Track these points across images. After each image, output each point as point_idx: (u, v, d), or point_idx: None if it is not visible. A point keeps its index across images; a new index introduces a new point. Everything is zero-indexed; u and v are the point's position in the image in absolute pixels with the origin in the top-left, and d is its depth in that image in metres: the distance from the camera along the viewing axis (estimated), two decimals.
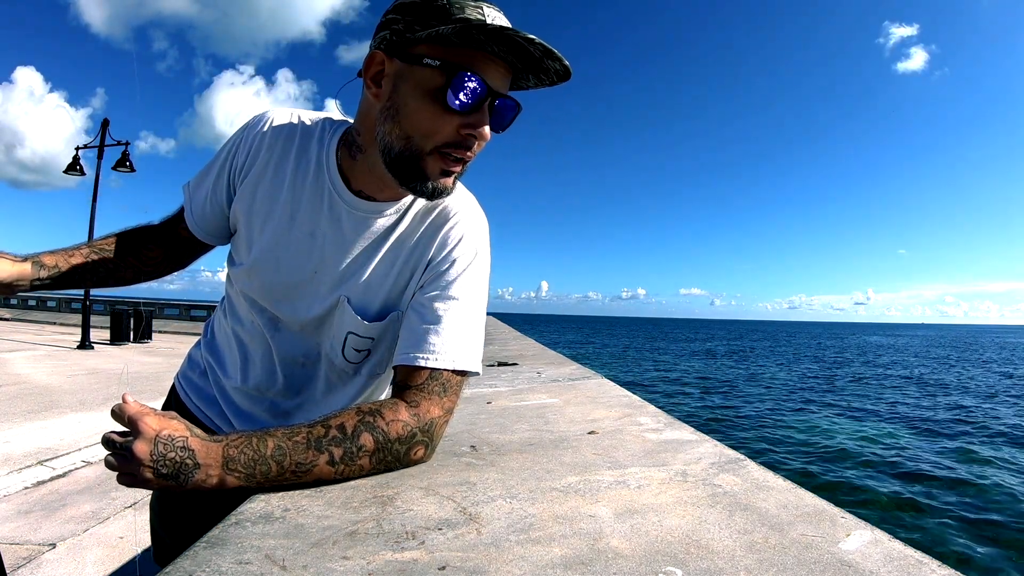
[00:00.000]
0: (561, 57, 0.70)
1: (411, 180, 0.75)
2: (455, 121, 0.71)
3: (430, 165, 0.74)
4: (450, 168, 0.75)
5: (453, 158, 0.74)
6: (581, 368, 2.27)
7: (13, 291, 0.90)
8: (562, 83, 0.76)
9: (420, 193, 0.76)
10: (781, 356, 31.69)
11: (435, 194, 0.76)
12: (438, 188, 0.75)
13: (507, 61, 0.71)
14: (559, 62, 0.71)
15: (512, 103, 0.75)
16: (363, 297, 0.85)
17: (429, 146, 0.72)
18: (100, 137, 12.34)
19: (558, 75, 0.74)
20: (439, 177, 0.75)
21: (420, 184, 0.75)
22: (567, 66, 0.72)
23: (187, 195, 0.96)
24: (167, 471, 0.62)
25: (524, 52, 0.69)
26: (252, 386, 0.93)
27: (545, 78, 0.75)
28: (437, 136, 0.72)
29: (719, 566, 0.49)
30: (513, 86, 0.76)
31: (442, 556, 0.51)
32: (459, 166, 0.76)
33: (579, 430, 1.04)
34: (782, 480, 0.75)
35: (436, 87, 0.69)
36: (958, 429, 10.10)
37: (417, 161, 0.73)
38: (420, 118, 0.71)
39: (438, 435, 0.78)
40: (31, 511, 2.93)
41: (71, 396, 6.07)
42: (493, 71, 0.71)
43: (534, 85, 0.77)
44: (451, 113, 0.70)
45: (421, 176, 0.74)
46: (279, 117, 0.87)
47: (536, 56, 0.69)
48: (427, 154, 0.73)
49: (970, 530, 5.21)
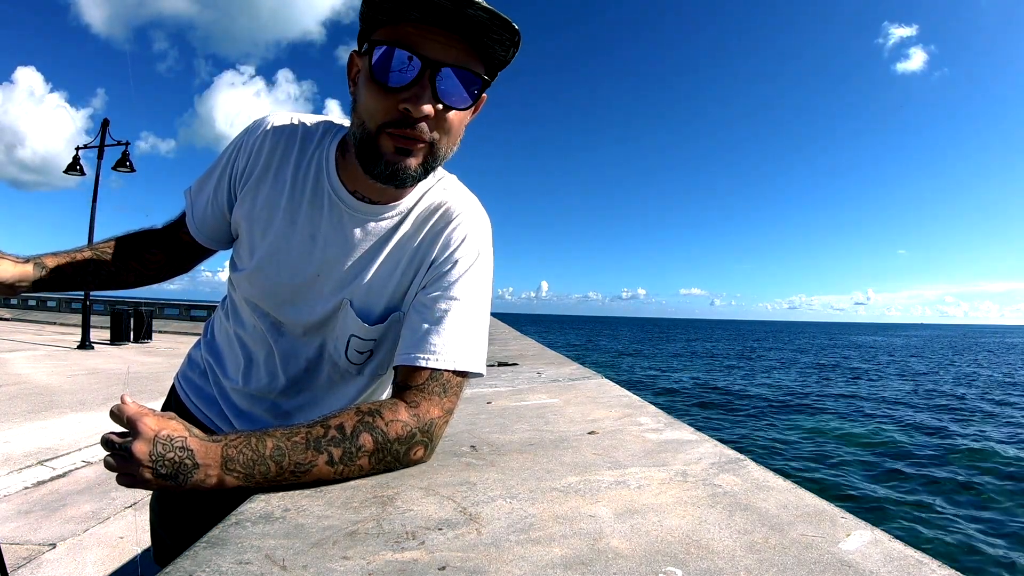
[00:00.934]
0: (475, 1, 0.65)
1: (369, 162, 0.74)
2: (395, 99, 0.70)
3: (383, 144, 0.73)
4: (402, 146, 0.72)
5: (401, 136, 0.72)
6: (581, 368, 2.27)
7: (15, 292, 0.90)
8: (514, 36, 0.70)
9: (378, 176, 0.75)
10: (781, 357, 31.68)
11: (394, 175, 0.74)
12: (395, 167, 0.73)
13: (445, 28, 0.68)
14: (476, 8, 0.66)
15: (465, 73, 0.71)
16: (366, 299, 0.85)
17: (374, 125, 0.72)
18: (100, 137, 12.33)
19: (498, 26, 0.69)
20: (394, 156, 0.73)
21: (375, 165, 0.74)
22: (491, 10, 0.66)
23: (188, 200, 0.95)
24: (166, 471, 0.62)
25: (440, 9, 0.66)
26: (254, 388, 0.93)
27: (497, 36, 0.70)
28: (379, 114, 0.71)
29: (719, 566, 0.49)
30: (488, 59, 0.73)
31: (442, 556, 0.51)
32: (412, 143, 0.72)
33: (579, 430, 1.04)
34: (782, 480, 0.75)
35: (368, 67, 0.70)
36: (958, 429, 10.10)
37: (372, 143, 0.73)
38: (365, 100, 0.72)
39: (438, 435, 0.78)
40: (31, 511, 2.93)
41: (71, 396, 6.07)
42: (431, 41, 0.69)
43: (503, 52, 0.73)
44: (390, 91, 0.70)
45: (376, 156, 0.73)
46: (279, 121, 0.87)
47: (448, 8, 0.66)
48: (375, 134, 0.72)
49: (970, 530, 5.21)
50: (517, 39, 0.72)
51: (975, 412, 12.11)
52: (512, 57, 0.75)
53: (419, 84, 0.69)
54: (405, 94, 0.70)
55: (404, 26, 0.69)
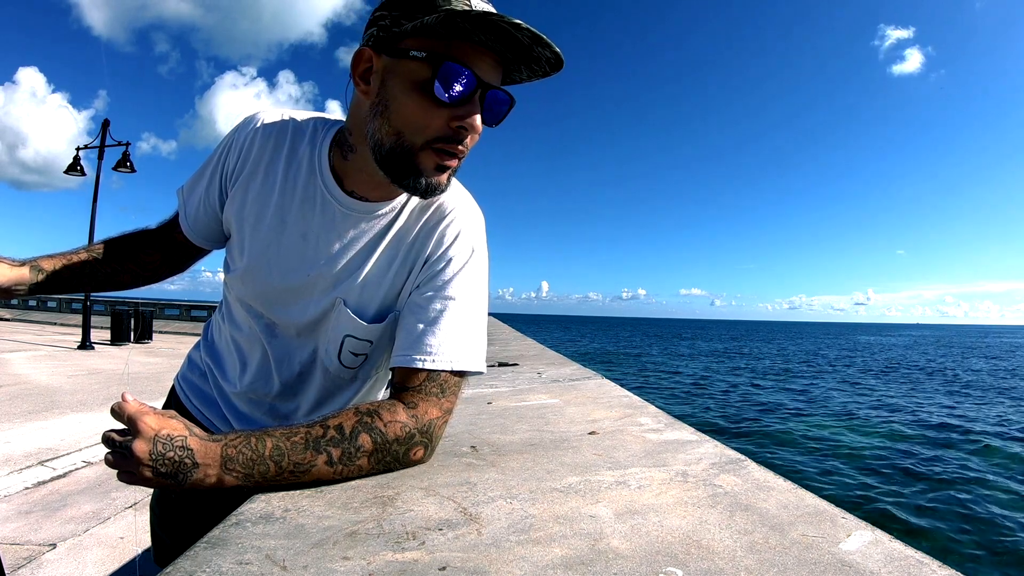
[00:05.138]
0: (551, 43, 0.68)
1: (404, 177, 0.73)
2: (445, 114, 0.70)
3: (423, 160, 0.72)
4: (444, 163, 0.73)
5: (446, 152, 0.72)
6: (582, 368, 2.27)
7: (12, 295, 0.90)
8: (554, 73, 0.74)
9: (414, 190, 0.75)
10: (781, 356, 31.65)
11: (429, 191, 0.74)
12: (432, 184, 0.74)
13: (495, 51, 0.70)
14: (549, 49, 0.69)
15: (504, 96, 0.73)
16: (360, 298, 0.84)
17: (420, 141, 0.71)
18: (100, 138, 12.34)
19: (550, 64, 0.72)
20: (433, 173, 0.73)
21: (414, 180, 0.73)
22: (558, 53, 0.70)
23: (181, 200, 0.95)
24: (166, 470, 0.62)
25: (512, 40, 0.68)
26: (251, 391, 0.93)
27: (537, 68, 0.73)
28: (428, 130, 0.71)
29: (719, 566, 0.49)
30: (506, 80, 0.75)
31: (442, 556, 0.51)
32: (453, 161, 0.74)
33: (579, 430, 1.03)
34: (783, 480, 0.75)
35: (423, 79, 0.68)
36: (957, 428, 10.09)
37: (410, 157, 0.72)
38: (409, 112, 0.70)
39: (437, 436, 0.78)
40: (31, 511, 2.92)
41: (71, 396, 6.07)
42: (482, 62, 0.69)
43: (527, 77, 0.75)
44: (440, 106, 0.69)
45: (415, 172, 0.73)
46: (269, 118, 0.86)
47: (525, 44, 0.68)
48: (419, 149, 0.72)
49: (970, 530, 5.20)
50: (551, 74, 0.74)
51: (976, 412, 12.10)
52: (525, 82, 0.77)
53: (473, 103, 0.70)
54: (460, 111, 0.69)
55: (465, 44, 0.68)
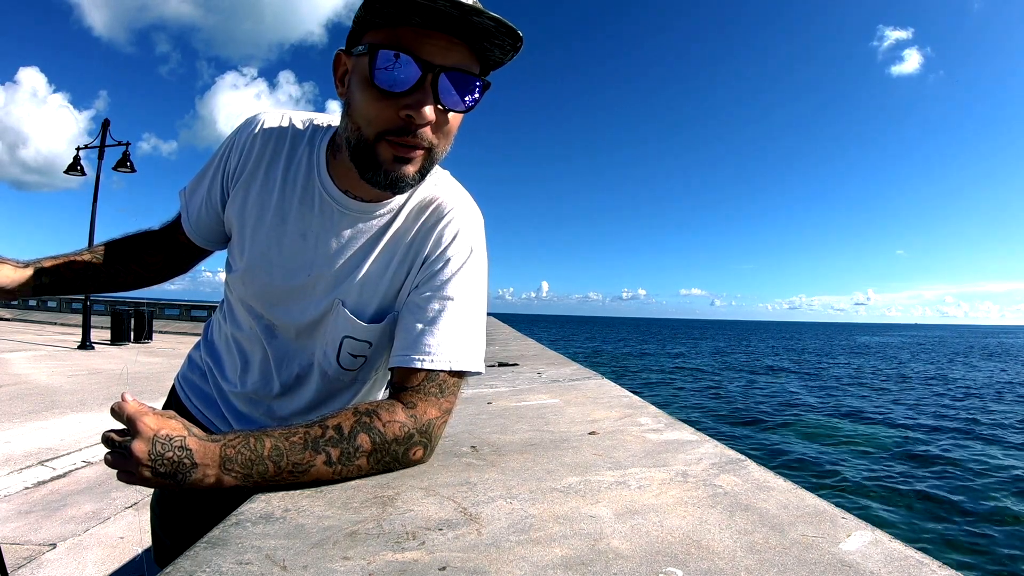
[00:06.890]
0: (484, 10, 0.65)
1: (367, 171, 0.73)
2: (395, 104, 0.69)
3: (381, 153, 0.71)
4: (400, 155, 0.72)
5: (400, 144, 0.71)
6: (581, 368, 2.27)
7: (15, 296, 0.91)
8: (517, 43, 0.70)
9: (377, 184, 0.74)
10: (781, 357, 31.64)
11: (393, 184, 0.73)
12: (395, 177, 0.72)
13: (445, 31, 0.67)
14: (485, 16, 0.65)
15: (463, 76, 0.70)
16: (359, 298, 0.84)
17: (372, 133, 0.71)
18: (101, 138, 12.34)
19: (501, 34, 0.68)
20: (393, 165, 0.72)
21: (374, 174, 0.73)
22: (498, 19, 0.66)
23: (183, 200, 0.95)
24: (165, 470, 0.63)
25: (444, 16, 0.65)
26: (251, 391, 0.93)
27: (498, 41, 0.70)
28: (377, 121, 0.70)
29: (719, 566, 0.49)
30: (486, 60, 0.73)
31: (442, 556, 0.51)
32: (411, 152, 0.72)
33: (579, 430, 1.03)
34: (783, 480, 0.75)
35: (369, 72, 0.68)
36: (957, 428, 10.09)
37: (369, 151, 0.72)
38: (363, 106, 0.70)
39: (436, 436, 0.78)
40: (32, 511, 2.92)
41: (71, 396, 6.07)
42: (431, 44, 0.67)
43: (500, 56, 0.72)
44: (390, 96, 0.68)
45: (374, 165, 0.72)
46: (270, 119, 0.87)
47: (454, 16, 0.65)
48: (374, 142, 0.71)
49: (970, 530, 5.20)
50: (519, 44, 0.71)
51: (976, 413, 12.10)
52: (510, 59, 0.74)
53: (421, 90, 0.68)
54: (407, 100, 0.68)
55: (403, 29, 0.67)
